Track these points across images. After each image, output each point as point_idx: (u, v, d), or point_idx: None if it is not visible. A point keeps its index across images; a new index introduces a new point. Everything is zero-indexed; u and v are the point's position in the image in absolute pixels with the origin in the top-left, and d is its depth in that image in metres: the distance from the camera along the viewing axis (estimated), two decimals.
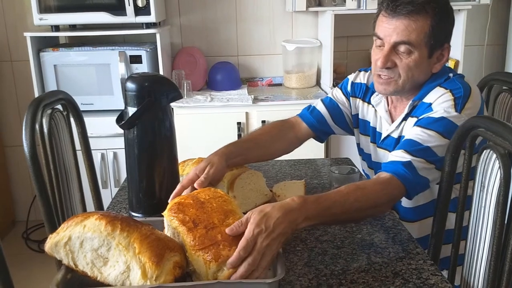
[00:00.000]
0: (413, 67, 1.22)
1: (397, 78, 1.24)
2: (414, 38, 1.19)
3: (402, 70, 1.23)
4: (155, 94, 1.14)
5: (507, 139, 0.93)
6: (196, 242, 0.86)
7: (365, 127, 1.44)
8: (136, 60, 2.51)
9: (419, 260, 1.04)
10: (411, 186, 1.12)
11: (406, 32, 1.19)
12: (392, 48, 1.22)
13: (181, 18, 2.91)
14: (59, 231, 0.89)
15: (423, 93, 1.26)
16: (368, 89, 1.43)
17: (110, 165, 2.56)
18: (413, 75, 1.23)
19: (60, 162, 1.39)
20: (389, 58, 1.22)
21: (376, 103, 1.38)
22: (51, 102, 1.37)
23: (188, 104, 2.54)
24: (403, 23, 1.19)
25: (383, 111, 1.36)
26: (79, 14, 2.49)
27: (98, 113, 2.52)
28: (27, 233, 2.90)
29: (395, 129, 1.32)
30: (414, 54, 1.21)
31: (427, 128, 1.17)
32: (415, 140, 1.16)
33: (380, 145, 1.38)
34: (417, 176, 1.13)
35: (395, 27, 1.20)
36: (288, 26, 2.94)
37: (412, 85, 1.26)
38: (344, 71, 2.97)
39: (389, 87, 1.26)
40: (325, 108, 1.48)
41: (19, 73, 2.90)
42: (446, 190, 1.14)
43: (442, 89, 1.22)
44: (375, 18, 1.29)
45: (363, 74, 1.47)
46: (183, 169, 1.33)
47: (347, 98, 1.48)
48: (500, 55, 3.00)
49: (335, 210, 1.01)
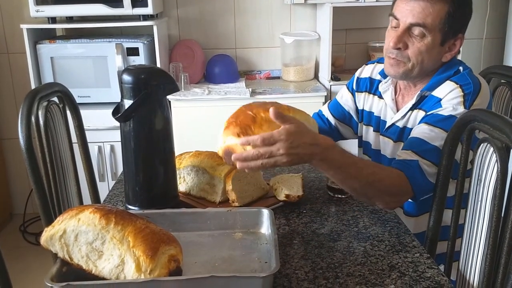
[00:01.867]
0: (424, 51, 1.22)
1: (407, 61, 1.24)
2: (429, 22, 1.19)
3: (413, 53, 1.22)
4: (152, 86, 1.13)
5: (505, 132, 0.93)
6: None
7: (369, 118, 1.44)
8: (133, 52, 2.50)
9: (415, 253, 1.04)
10: (419, 189, 1.14)
11: (422, 15, 1.19)
12: (407, 30, 1.22)
13: (179, 10, 2.89)
14: (54, 224, 0.89)
15: (432, 84, 1.25)
16: (373, 80, 1.43)
17: (107, 158, 2.56)
18: (422, 60, 1.23)
19: (56, 155, 1.39)
20: (402, 39, 1.22)
21: (383, 90, 1.38)
22: (47, 94, 1.35)
23: (186, 97, 2.53)
24: (420, 5, 1.19)
25: (389, 99, 1.36)
26: (76, 6, 2.47)
27: (95, 106, 2.51)
28: (24, 226, 2.90)
29: (401, 118, 1.31)
30: (427, 39, 1.20)
31: (435, 126, 1.17)
32: (422, 139, 1.16)
33: (384, 133, 1.38)
34: (425, 180, 1.15)
35: (412, 9, 1.20)
36: (286, 19, 2.92)
37: (421, 70, 1.25)
38: (342, 64, 2.96)
39: (398, 68, 1.25)
40: (329, 112, 1.52)
41: (15, 65, 2.88)
42: (443, 183, 1.14)
43: (452, 84, 1.22)
44: None
45: (368, 67, 1.47)
46: (180, 162, 1.32)
47: (352, 94, 1.49)
48: (499, 48, 2.99)
49: (351, 170, 1.07)
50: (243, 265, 0.96)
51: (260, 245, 1.03)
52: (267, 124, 1.02)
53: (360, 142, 1.51)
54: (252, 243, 1.04)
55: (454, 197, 1.14)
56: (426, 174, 1.14)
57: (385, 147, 1.37)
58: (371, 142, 1.44)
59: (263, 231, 1.07)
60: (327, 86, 2.66)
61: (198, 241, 1.05)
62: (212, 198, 1.26)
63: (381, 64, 1.42)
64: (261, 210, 1.09)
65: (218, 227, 1.08)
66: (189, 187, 1.30)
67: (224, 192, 1.24)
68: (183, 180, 1.32)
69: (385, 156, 1.38)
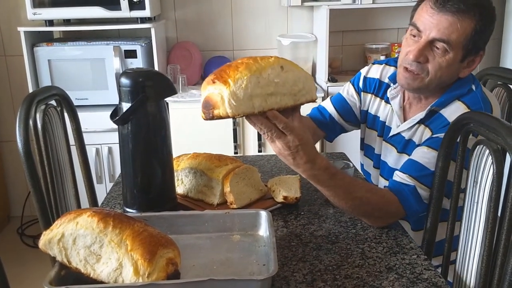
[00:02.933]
0: (444, 67, 1.17)
1: (425, 75, 1.19)
2: (454, 38, 1.13)
3: (432, 68, 1.17)
4: (149, 89, 1.14)
5: (500, 134, 0.93)
6: None
7: (374, 122, 1.41)
8: (131, 54, 2.50)
9: (412, 255, 1.04)
10: (412, 212, 1.15)
11: (448, 31, 1.13)
12: (429, 43, 1.16)
13: (176, 12, 2.89)
14: (53, 228, 0.89)
15: (443, 101, 1.22)
16: (382, 83, 1.39)
17: (105, 160, 2.56)
18: (441, 75, 1.18)
19: (54, 158, 1.39)
20: (423, 53, 1.16)
21: (392, 97, 1.34)
22: (45, 97, 1.36)
23: (184, 98, 2.54)
24: (448, 20, 1.13)
25: (397, 106, 1.33)
26: (73, 9, 2.47)
27: (92, 108, 2.52)
28: (22, 229, 2.90)
29: (407, 129, 1.29)
30: (448, 55, 1.15)
31: (436, 150, 1.15)
32: (422, 164, 1.16)
33: (387, 140, 1.36)
34: (420, 204, 1.15)
35: (438, 22, 1.13)
36: (283, 21, 2.93)
37: (437, 86, 1.21)
38: (339, 65, 2.97)
39: (413, 82, 1.21)
40: (332, 106, 1.47)
41: (13, 67, 2.88)
42: (439, 185, 1.15)
43: (463, 107, 1.18)
44: (416, 6, 1.21)
45: (376, 67, 1.43)
46: (178, 164, 1.32)
47: (358, 93, 1.45)
48: (495, 49, 3.00)
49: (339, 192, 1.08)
50: (241, 267, 0.96)
51: (258, 247, 1.04)
52: (244, 66, 0.93)
53: (362, 145, 1.51)
54: (250, 246, 1.04)
55: (451, 201, 1.15)
56: (422, 197, 1.15)
57: (388, 154, 1.36)
58: (374, 147, 1.43)
59: (261, 233, 1.08)
60: (324, 87, 2.66)
61: (196, 244, 1.05)
62: (210, 200, 1.26)
63: (390, 67, 1.39)
64: (259, 212, 1.09)
65: (216, 229, 1.08)
66: (187, 189, 1.31)
67: (222, 194, 1.24)
68: (181, 182, 1.32)
69: (386, 162, 1.37)
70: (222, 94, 0.90)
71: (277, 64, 0.97)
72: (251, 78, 0.92)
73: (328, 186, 1.07)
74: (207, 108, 0.93)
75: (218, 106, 0.91)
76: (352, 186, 1.10)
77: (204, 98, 0.94)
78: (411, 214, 1.15)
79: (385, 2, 2.64)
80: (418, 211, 1.16)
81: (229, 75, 0.91)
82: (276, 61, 0.98)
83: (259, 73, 0.94)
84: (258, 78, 0.93)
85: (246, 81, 0.91)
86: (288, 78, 0.98)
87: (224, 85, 0.90)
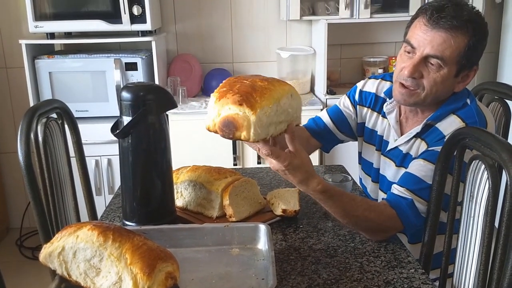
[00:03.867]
0: (439, 82, 1.18)
1: (421, 90, 1.20)
2: (448, 55, 1.15)
3: (428, 84, 1.19)
4: (150, 103, 1.15)
5: (495, 150, 0.95)
6: None
7: (372, 136, 1.43)
8: (132, 67, 2.51)
9: (410, 269, 1.05)
10: (410, 226, 1.16)
11: (442, 47, 1.15)
12: (423, 59, 1.17)
13: (177, 25, 2.92)
14: (53, 241, 0.90)
15: (439, 115, 1.24)
16: (378, 98, 1.41)
17: (104, 172, 2.56)
18: (437, 91, 1.20)
19: (54, 171, 1.39)
20: (417, 69, 1.18)
21: (388, 111, 1.35)
22: (46, 111, 1.37)
23: (183, 110, 2.55)
24: (441, 37, 1.14)
25: (394, 121, 1.34)
26: (75, 22, 2.49)
27: (92, 120, 2.53)
28: (21, 240, 2.89)
29: (404, 143, 1.30)
30: (443, 70, 1.17)
31: (433, 163, 1.17)
32: (419, 176, 1.17)
33: (385, 154, 1.37)
34: (418, 217, 1.16)
35: (432, 39, 1.15)
36: (282, 34, 2.96)
37: (433, 100, 1.23)
38: (337, 78, 3.00)
39: (410, 98, 1.22)
40: (328, 117, 1.49)
41: (13, 80, 2.90)
42: (436, 199, 1.15)
43: (458, 121, 1.20)
44: (409, 23, 1.23)
45: (372, 82, 1.44)
46: (178, 176, 1.33)
47: (353, 106, 1.46)
48: (492, 63, 3.03)
49: (338, 210, 1.12)
50: (240, 282, 0.97)
51: (257, 261, 1.04)
52: (269, 93, 0.95)
53: (360, 159, 1.52)
54: (249, 259, 1.05)
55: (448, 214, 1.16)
56: (419, 211, 1.16)
57: (386, 168, 1.37)
58: (372, 161, 1.44)
59: (260, 247, 1.08)
60: (322, 99, 2.68)
61: (195, 257, 1.05)
62: (209, 213, 1.27)
63: (386, 82, 1.41)
64: (258, 225, 1.10)
65: (215, 243, 1.09)
66: (186, 202, 1.31)
67: (221, 207, 1.25)
68: (180, 195, 1.33)
69: (385, 176, 1.38)
70: (248, 118, 0.91)
71: (289, 92, 1.02)
72: (273, 106, 0.95)
73: (325, 206, 1.13)
74: (228, 128, 0.93)
75: (242, 129, 0.92)
76: (350, 205, 1.12)
77: (227, 117, 0.93)
78: (409, 227, 1.16)
79: (382, 16, 2.67)
80: (416, 225, 1.17)
81: (256, 101, 0.92)
82: (288, 89, 1.02)
83: (278, 102, 0.98)
84: (277, 106, 0.97)
85: (270, 110, 0.95)
86: (294, 106, 1.03)
87: (251, 110, 0.91)
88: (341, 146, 1.69)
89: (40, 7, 2.45)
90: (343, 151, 2.49)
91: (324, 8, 2.71)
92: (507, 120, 1.46)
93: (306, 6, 2.72)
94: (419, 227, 1.19)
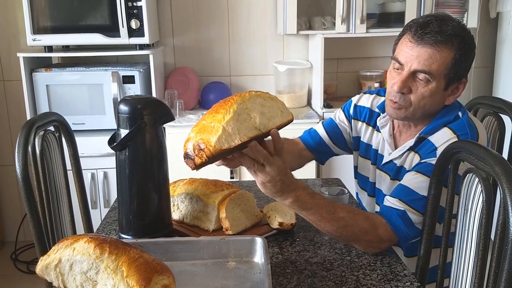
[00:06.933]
0: (427, 96, 1.21)
1: (408, 106, 1.23)
2: (435, 69, 1.17)
3: (415, 98, 1.21)
4: (147, 116, 1.16)
5: (488, 163, 0.96)
6: None
7: (367, 151, 1.44)
8: (129, 80, 2.53)
9: (406, 282, 1.05)
10: (402, 236, 1.16)
11: (428, 62, 1.17)
12: (411, 75, 1.20)
13: (175, 39, 2.94)
14: (50, 254, 0.90)
15: (431, 128, 1.25)
16: (372, 113, 1.43)
17: (100, 185, 2.55)
18: (425, 105, 1.22)
19: (51, 184, 1.40)
20: (406, 84, 1.20)
21: (381, 125, 1.37)
22: (44, 123, 1.37)
23: (180, 123, 2.56)
24: (427, 52, 1.17)
25: (387, 135, 1.36)
26: (73, 35, 2.51)
27: (89, 133, 2.52)
28: (16, 254, 2.87)
29: (398, 157, 1.32)
30: (431, 84, 1.19)
31: (425, 175, 1.18)
32: (411, 188, 1.18)
33: (381, 168, 1.38)
34: (411, 228, 1.16)
35: (418, 55, 1.18)
36: (279, 48, 2.98)
37: (423, 114, 1.25)
38: (334, 91, 3.02)
39: (400, 112, 1.25)
40: (324, 130, 1.51)
41: (10, 92, 2.91)
42: (431, 212, 1.16)
43: (449, 133, 1.22)
44: (396, 40, 1.26)
45: (367, 97, 1.46)
46: (174, 189, 1.33)
47: (348, 120, 1.49)
48: (487, 77, 3.06)
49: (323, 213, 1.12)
50: None
51: (253, 274, 1.04)
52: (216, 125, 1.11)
53: (355, 173, 1.53)
54: (245, 273, 1.05)
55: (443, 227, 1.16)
56: (413, 222, 1.17)
57: (382, 181, 1.38)
58: (368, 176, 1.45)
59: (256, 260, 1.08)
60: (319, 113, 2.70)
61: (191, 271, 1.05)
62: (205, 226, 1.27)
63: (381, 97, 1.43)
64: (255, 238, 1.10)
65: (211, 256, 1.09)
66: (182, 215, 1.31)
67: (218, 220, 1.25)
68: (176, 208, 1.33)
69: (381, 190, 1.39)
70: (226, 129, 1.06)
71: (255, 96, 1.06)
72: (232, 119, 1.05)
73: (311, 208, 1.12)
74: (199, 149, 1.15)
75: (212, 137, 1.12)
76: (332, 207, 1.13)
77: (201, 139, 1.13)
78: (402, 238, 1.16)
79: (378, 31, 2.70)
80: (410, 236, 1.17)
81: None
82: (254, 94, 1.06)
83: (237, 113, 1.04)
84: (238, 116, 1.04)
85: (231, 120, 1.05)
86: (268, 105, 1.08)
87: None
88: (338, 158, 1.70)
89: (38, 21, 2.47)
90: (340, 164, 2.50)
91: (320, 23, 2.74)
92: (501, 134, 1.47)
93: (303, 21, 2.75)
94: (414, 239, 1.19)
